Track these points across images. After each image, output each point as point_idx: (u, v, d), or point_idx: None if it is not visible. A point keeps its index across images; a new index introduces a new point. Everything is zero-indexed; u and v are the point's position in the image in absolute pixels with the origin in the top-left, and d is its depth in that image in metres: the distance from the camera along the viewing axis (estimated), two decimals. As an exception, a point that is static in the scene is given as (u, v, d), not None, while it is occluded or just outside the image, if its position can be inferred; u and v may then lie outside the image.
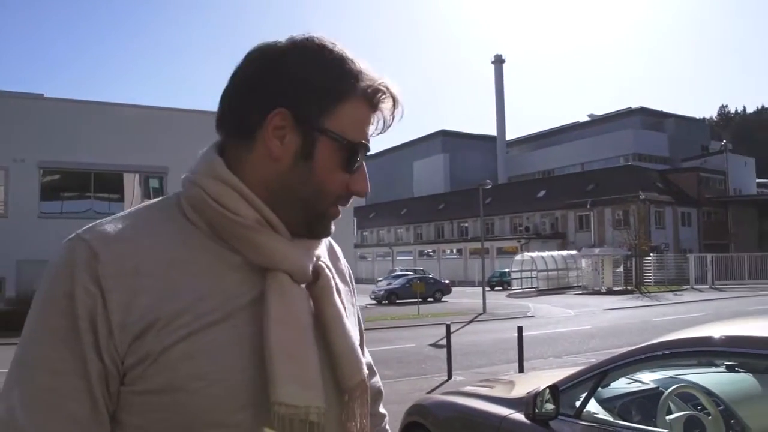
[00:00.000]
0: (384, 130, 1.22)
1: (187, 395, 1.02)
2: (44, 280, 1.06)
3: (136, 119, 24.13)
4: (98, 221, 1.11)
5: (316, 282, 1.20)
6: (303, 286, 1.18)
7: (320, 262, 1.23)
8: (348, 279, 1.37)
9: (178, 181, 1.19)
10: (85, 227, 1.09)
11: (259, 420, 1.05)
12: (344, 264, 1.39)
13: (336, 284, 1.25)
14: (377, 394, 1.48)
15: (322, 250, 1.27)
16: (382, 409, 1.46)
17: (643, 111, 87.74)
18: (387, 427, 1.51)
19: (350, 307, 1.31)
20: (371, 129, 1.20)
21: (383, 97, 1.18)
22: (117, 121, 23.73)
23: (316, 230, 1.19)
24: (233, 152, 1.17)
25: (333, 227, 1.22)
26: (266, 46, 1.16)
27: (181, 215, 1.14)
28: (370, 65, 1.18)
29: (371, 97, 1.16)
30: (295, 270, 1.14)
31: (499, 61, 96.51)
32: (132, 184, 24.88)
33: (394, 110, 1.21)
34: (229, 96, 1.17)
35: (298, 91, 1.12)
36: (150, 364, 1.02)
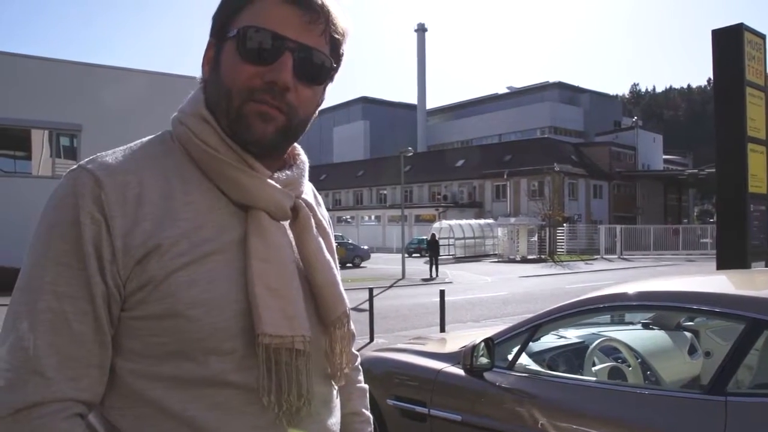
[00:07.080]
0: (328, 21, 1.17)
1: (187, 321, 1.06)
2: (48, 209, 1.08)
3: (47, 73, 22.67)
4: (98, 154, 1.13)
5: (296, 219, 1.23)
6: (286, 223, 1.21)
7: (300, 200, 1.25)
8: (327, 225, 1.37)
9: (92, 140, 1.20)
10: (87, 159, 1.11)
11: (251, 348, 1.10)
12: (325, 211, 1.40)
13: (319, 220, 1.29)
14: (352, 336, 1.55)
15: (305, 190, 1.30)
16: (354, 350, 1.50)
17: (560, 85, 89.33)
18: (359, 365, 1.54)
19: (331, 248, 1.33)
20: (313, 27, 1.15)
21: None
22: (25, 75, 22.22)
23: (241, 134, 1.15)
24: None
25: (269, 128, 1.15)
26: None
27: (177, 151, 1.17)
28: None
29: None
30: (272, 208, 1.17)
31: (421, 30, 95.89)
32: (41, 141, 23.53)
33: None
34: None
35: (215, 17, 1.19)
36: (152, 290, 1.05)
